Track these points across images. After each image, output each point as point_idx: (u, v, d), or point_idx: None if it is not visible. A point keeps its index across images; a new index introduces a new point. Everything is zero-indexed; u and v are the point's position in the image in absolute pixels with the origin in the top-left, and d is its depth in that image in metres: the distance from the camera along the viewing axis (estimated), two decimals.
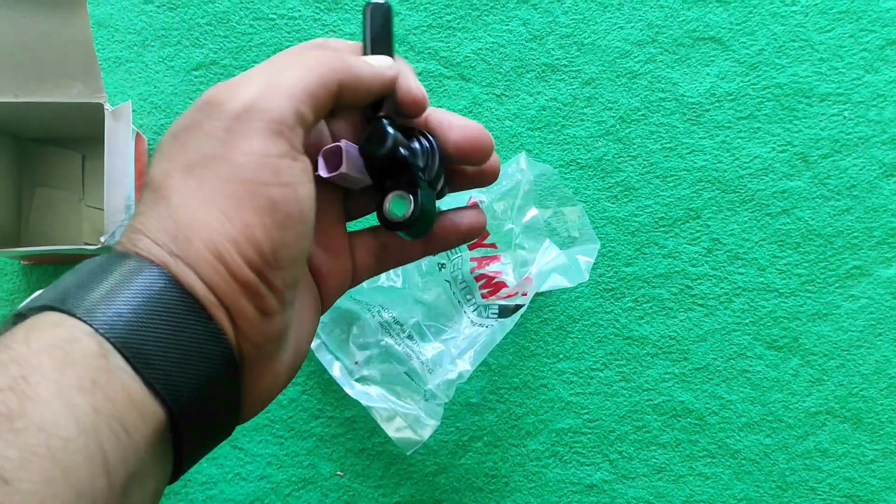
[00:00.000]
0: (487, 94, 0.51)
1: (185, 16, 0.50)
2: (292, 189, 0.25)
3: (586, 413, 0.49)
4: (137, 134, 0.47)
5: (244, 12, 0.51)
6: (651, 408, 0.49)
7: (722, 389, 0.49)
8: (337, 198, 0.31)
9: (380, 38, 0.30)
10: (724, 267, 0.50)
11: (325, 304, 0.31)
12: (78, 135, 0.47)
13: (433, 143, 0.30)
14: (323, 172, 0.29)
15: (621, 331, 0.49)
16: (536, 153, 0.50)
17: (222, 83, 0.26)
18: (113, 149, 0.41)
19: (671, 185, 0.51)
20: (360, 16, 0.51)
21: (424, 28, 0.51)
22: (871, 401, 0.49)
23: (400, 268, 0.46)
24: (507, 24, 0.51)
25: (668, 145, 0.51)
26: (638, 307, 0.50)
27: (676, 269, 0.50)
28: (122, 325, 0.22)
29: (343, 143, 0.29)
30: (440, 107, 0.50)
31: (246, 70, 0.30)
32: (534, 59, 0.51)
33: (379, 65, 0.29)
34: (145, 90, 0.50)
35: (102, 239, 0.40)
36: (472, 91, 0.51)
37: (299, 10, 0.51)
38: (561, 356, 0.49)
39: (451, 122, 0.30)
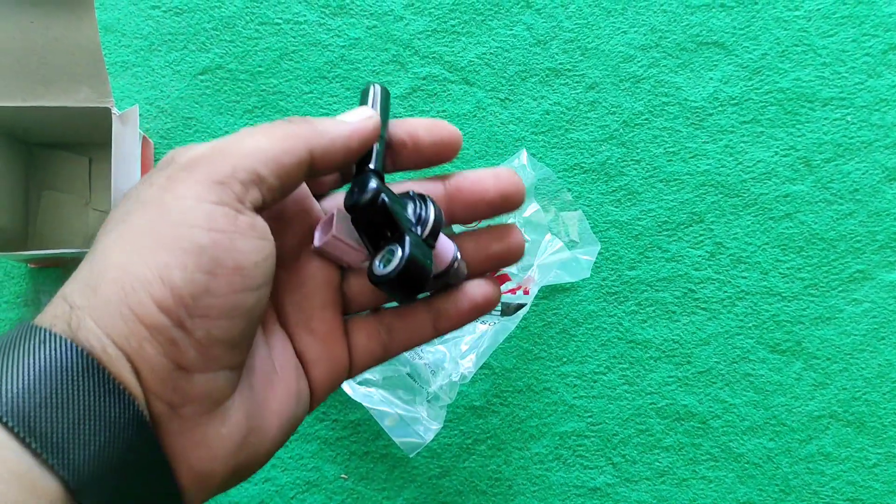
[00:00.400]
0: (491, 98, 0.51)
1: (191, 20, 0.51)
2: (227, 237, 0.23)
3: (590, 416, 0.49)
4: (144, 138, 0.48)
5: (250, 17, 0.51)
6: (654, 411, 0.49)
7: (725, 393, 0.49)
8: (330, 278, 0.30)
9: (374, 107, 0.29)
10: (727, 271, 0.50)
11: (315, 394, 0.29)
12: (85, 139, 0.47)
13: (430, 203, 0.28)
14: (316, 241, 0.28)
15: (625, 334, 0.50)
16: (540, 157, 0.51)
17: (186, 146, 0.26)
18: (120, 153, 0.41)
19: (674, 189, 0.51)
20: (365, 23, 0.51)
21: (429, 33, 0.51)
22: (874, 405, 0.49)
23: None
24: (511, 29, 0.52)
25: (671, 149, 0.51)
26: (641, 311, 0.50)
27: (680, 272, 0.50)
28: (8, 398, 0.20)
29: (336, 211, 0.28)
30: (444, 111, 0.51)
31: (251, 74, 0.30)
32: (538, 64, 0.52)
33: (353, 119, 0.28)
34: (152, 94, 0.50)
35: None
36: (476, 95, 0.51)
37: (304, 15, 0.51)
38: (564, 359, 0.49)
39: (413, 123, 0.29)
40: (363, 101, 0.29)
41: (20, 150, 0.46)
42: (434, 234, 0.28)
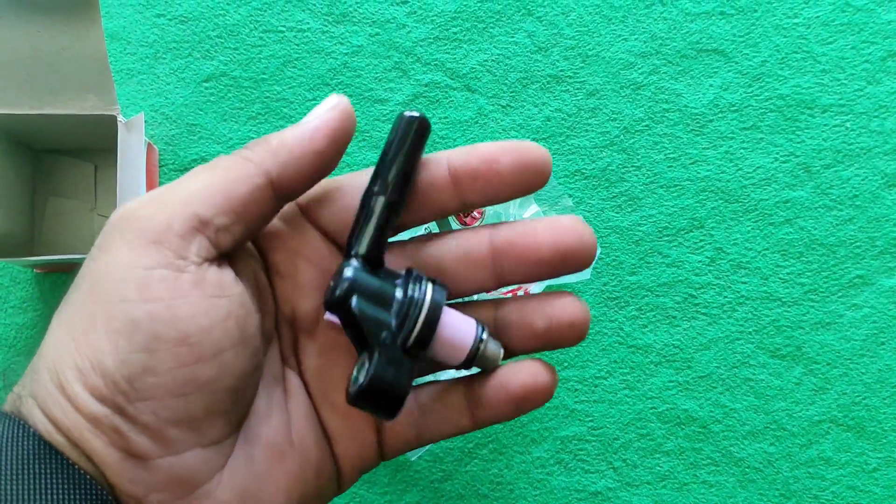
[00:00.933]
0: (493, 105, 0.52)
1: (196, 28, 0.51)
2: (164, 305, 0.20)
3: (591, 421, 0.49)
4: (149, 145, 0.48)
5: (254, 25, 0.51)
6: (655, 416, 0.49)
7: (725, 398, 0.49)
8: (352, 345, 0.26)
9: (399, 147, 0.24)
10: (727, 276, 0.50)
11: (343, 474, 0.25)
12: (91, 145, 0.48)
13: (428, 295, 0.23)
14: (326, 315, 0.24)
15: (625, 339, 0.50)
16: None
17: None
18: (125, 159, 0.41)
19: (675, 195, 0.51)
20: (367, 31, 0.52)
21: (431, 40, 0.52)
22: (874, 409, 0.49)
23: None
24: (513, 36, 0.52)
25: (671, 156, 0.51)
26: (642, 316, 0.50)
27: (680, 278, 0.50)
28: None
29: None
30: (446, 117, 0.51)
31: (255, 81, 0.28)
32: (539, 71, 0.52)
33: (313, 115, 0.23)
34: (157, 101, 0.51)
35: None
36: (477, 102, 0.51)
37: (308, 23, 0.52)
38: (565, 364, 0.50)
39: (487, 148, 0.24)
40: (392, 135, 0.24)
41: (27, 156, 0.47)
42: (423, 341, 0.23)
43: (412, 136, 0.24)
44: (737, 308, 0.50)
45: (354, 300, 0.22)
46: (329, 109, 0.23)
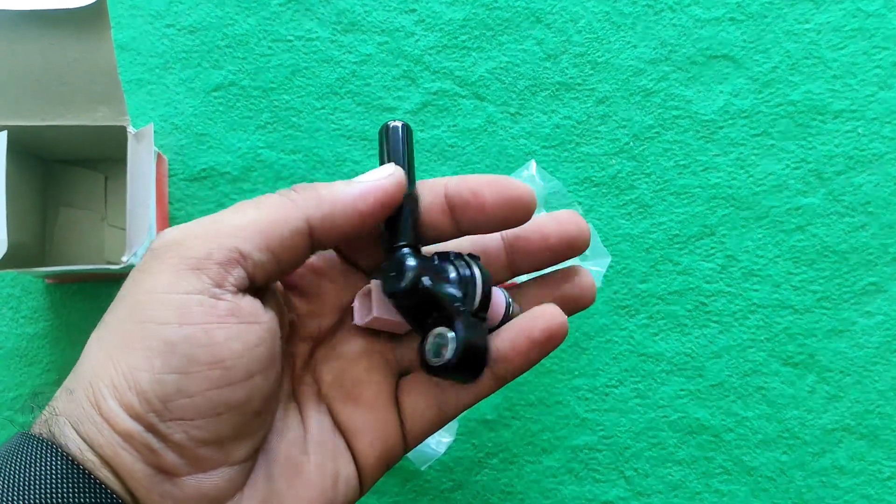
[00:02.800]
0: (502, 112, 0.51)
1: (204, 38, 0.51)
2: (201, 330, 0.21)
3: (602, 430, 0.49)
4: (159, 154, 0.48)
5: (262, 34, 0.51)
6: (667, 424, 0.49)
7: (738, 406, 0.49)
8: (375, 344, 0.27)
9: (395, 156, 0.26)
10: (739, 284, 0.50)
11: (364, 474, 0.26)
12: (101, 155, 0.48)
13: (474, 266, 0.25)
14: (357, 320, 0.26)
15: (636, 347, 0.50)
16: (551, 171, 0.51)
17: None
18: (135, 170, 0.42)
19: (685, 202, 0.51)
20: (376, 39, 0.52)
21: (440, 48, 0.52)
22: (887, 417, 0.49)
23: None
24: (522, 44, 0.52)
25: (682, 162, 0.51)
26: (653, 324, 0.50)
27: (691, 285, 0.50)
28: None
29: (373, 284, 0.26)
30: (455, 125, 0.51)
31: (264, 90, 0.28)
32: (548, 78, 0.52)
33: (368, 178, 0.24)
34: (166, 111, 0.51)
35: (124, 258, 0.40)
36: (486, 110, 0.51)
37: (316, 32, 0.52)
38: (576, 373, 0.49)
39: (476, 181, 0.26)
40: (381, 144, 0.26)
41: (38, 167, 0.47)
42: (484, 305, 0.25)
43: (407, 140, 0.26)
44: (749, 316, 0.50)
45: (427, 280, 0.24)
46: (384, 177, 0.24)
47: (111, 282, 0.49)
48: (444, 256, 0.26)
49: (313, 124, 0.51)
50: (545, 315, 0.26)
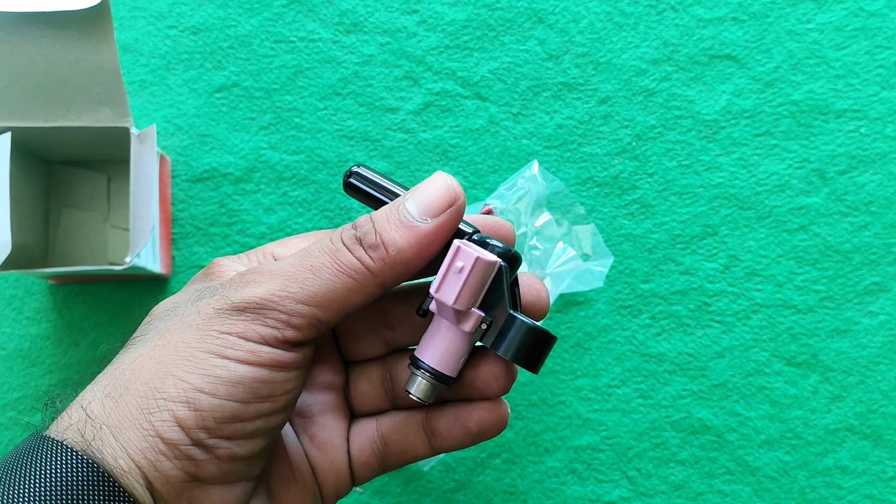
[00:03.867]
0: (504, 113, 0.51)
1: (207, 39, 0.51)
2: (268, 372, 0.24)
3: (604, 430, 0.49)
4: (161, 155, 0.48)
5: (265, 35, 0.52)
6: (669, 425, 0.49)
7: (741, 406, 0.49)
8: (332, 381, 0.29)
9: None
10: (741, 283, 0.50)
11: (325, 500, 0.29)
12: (104, 156, 0.48)
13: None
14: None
15: (639, 348, 0.50)
16: (553, 171, 0.51)
17: (240, 263, 0.26)
18: (138, 171, 0.42)
19: (688, 202, 0.51)
20: (378, 40, 0.52)
21: (442, 49, 0.52)
22: (891, 417, 0.49)
23: None
24: (524, 44, 0.52)
25: (684, 162, 0.51)
26: (655, 324, 0.50)
27: (694, 285, 0.50)
28: None
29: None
30: (457, 126, 0.51)
31: (266, 91, 0.28)
32: (550, 79, 0.52)
33: (432, 210, 0.25)
34: (169, 112, 0.51)
35: (128, 259, 0.40)
36: (489, 110, 0.51)
37: (318, 33, 0.52)
38: (579, 373, 0.49)
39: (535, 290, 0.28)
40: (358, 196, 0.28)
41: (41, 168, 0.47)
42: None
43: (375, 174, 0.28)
44: (751, 316, 0.50)
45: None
46: (449, 212, 0.25)
47: (114, 283, 0.49)
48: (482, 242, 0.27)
49: (316, 125, 0.51)
50: (481, 408, 0.28)
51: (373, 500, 0.48)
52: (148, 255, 0.44)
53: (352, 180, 0.27)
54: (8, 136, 0.39)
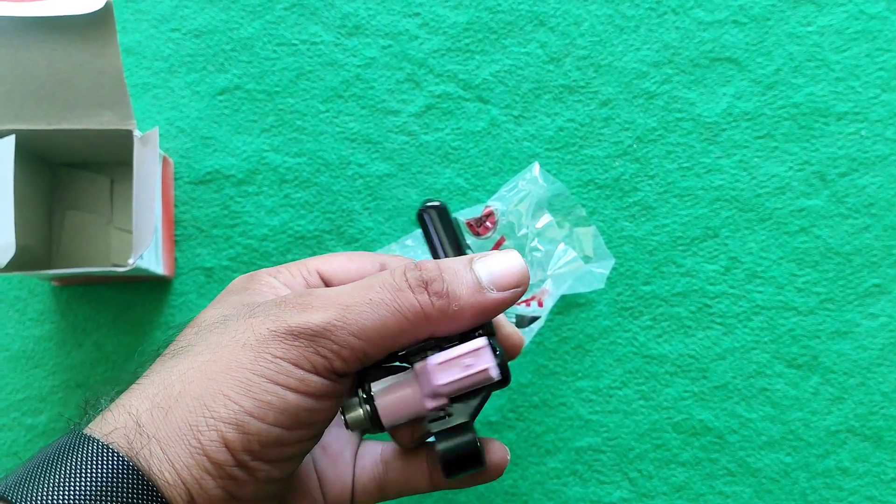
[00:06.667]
0: (506, 115, 0.52)
1: (210, 42, 0.52)
2: (314, 401, 0.24)
3: (605, 431, 0.49)
4: (164, 158, 0.49)
5: (267, 38, 0.52)
6: (670, 426, 0.49)
7: (741, 408, 0.49)
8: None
9: (449, 242, 0.28)
10: (742, 285, 0.50)
11: None
12: (107, 159, 0.48)
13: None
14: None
15: (640, 349, 0.50)
16: (554, 173, 0.51)
17: (294, 285, 0.27)
18: (141, 173, 0.42)
19: (689, 204, 0.51)
20: (380, 43, 0.52)
21: (443, 51, 0.52)
22: (891, 419, 0.49)
23: None
24: (525, 47, 0.52)
25: (685, 165, 0.51)
26: (656, 326, 0.50)
27: (695, 287, 0.50)
28: None
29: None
30: (458, 128, 0.51)
31: (269, 94, 0.28)
32: (551, 81, 0.52)
33: (502, 284, 0.26)
34: (172, 115, 0.51)
35: (131, 261, 0.41)
36: (490, 113, 0.52)
37: (320, 36, 0.52)
38: (580, 375, 0.49)
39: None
40: (426, 231, 0.29)
41: (44, 170, 0.47)
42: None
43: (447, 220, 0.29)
44: (752, 317, 0.50)
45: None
46: (515, 290, 0.26)
47: (117, 284, 0.49)
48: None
49: (318, 127, 0.51)
50: (490, 450, 0.30)
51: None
52: (151, 256, 0.45)
53: (426, 216, 0.28)
54: (12, 138, 0.40)
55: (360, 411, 0.27)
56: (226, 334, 0.25)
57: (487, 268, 0.26)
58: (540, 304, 0.47)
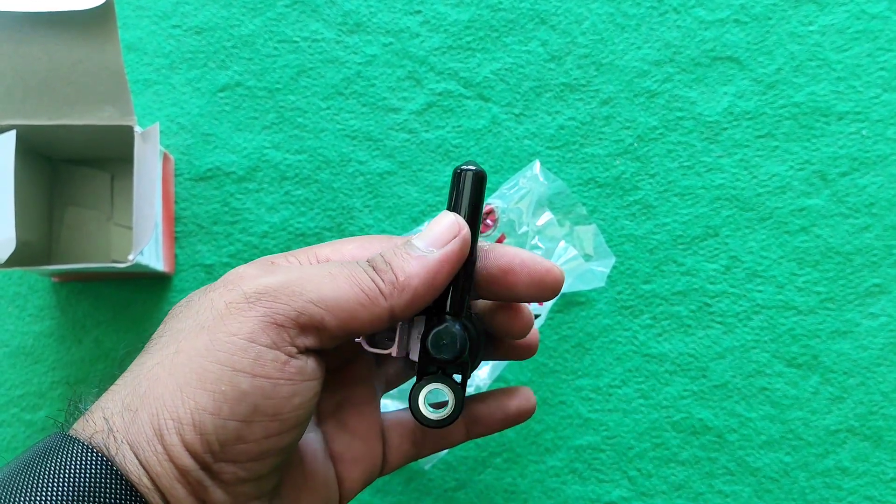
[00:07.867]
0: (507, 113, 0.52)
1: (211, 39, 0.52)
2: (271, 384, 0.23)
3: (605, 430, 0.49)
4: (165, 154, 0.49)
5: (268, 35, 0.52)
6: (670, 425, 0.49)
7: (741, 407, 0.49)
8: (368, 374, 0.30)
9: (469, 208, 0.28)
10: (742, 284, 0.50)
11: (345, 496, 0.29)
12: (107, 155, 0.48)
13: (480, 329, 0.28)
14: (395, 352, 0.27)
15: (640, 348, 0.50)
16: (555, 172, 0.51)
17: (257, 265, 0.25)
18: (141, 169, 0.42)
19: (689, 203, 0.51)
20: (381, 40, 0.52)
21: (445, 49, 0.52)
22: (891, 419, 0.49)
23: None
24: (526, 45, 0.52)
25: (686, 164, 0.51)
26: (656, 324, 0.50)
27: (695, 286, 0.50)
28: None
29: (416, 321, 0.27)
30: (459, 126, 0.51)
31: (270, 91, 0.28)
32: (552, 80, 0.52)
33: (437, 242, 0.26)
34: (172, 111, 0.51)
35: (131, 257, 0.41)
36: (491, 111, 0.52)
37: (322, 33, 0.52)
38: (580, 373, 0.49)
39: (508, 256, 0.28)
40: (452, 189, 0.28)
41: (45, 166, 0.47)
42: (478, 363, 0.30)
43: (479, 190, 0.28)
44: (752, 317, 0.50)
45: (467, 355, 0.27)
46: (454, 241, 0.26)
47: (117, 280, 0.49)
48: (458, 313, 0.27)
49: (318, 124, 0.51)
50: (520, 395, 0.31)
51: (374, 498, 0.48)
52: (151, 253, 0.45)
53: (463, 176, 0.28)
54: (13, 133, 0.39)
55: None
56: (188, 318, 0.24)
57: (422, 237, 0.26)
58: (540, 304, 0.47)
